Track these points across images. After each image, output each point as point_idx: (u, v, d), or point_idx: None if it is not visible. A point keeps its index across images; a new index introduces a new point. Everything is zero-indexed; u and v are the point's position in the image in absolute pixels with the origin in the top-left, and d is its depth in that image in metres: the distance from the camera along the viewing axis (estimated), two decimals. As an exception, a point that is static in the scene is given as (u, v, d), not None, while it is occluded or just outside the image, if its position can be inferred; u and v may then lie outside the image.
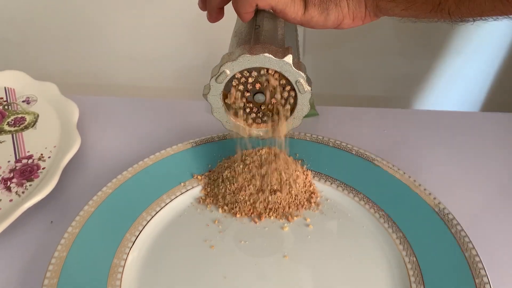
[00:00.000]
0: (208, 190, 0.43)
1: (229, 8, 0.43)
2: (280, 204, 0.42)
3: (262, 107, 0.40)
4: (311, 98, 0.38)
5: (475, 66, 0.84)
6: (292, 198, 0.42)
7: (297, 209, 0.42)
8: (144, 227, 0.39)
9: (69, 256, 0.35)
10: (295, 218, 0.41)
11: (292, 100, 0.38)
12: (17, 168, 0.45)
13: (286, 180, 0.42)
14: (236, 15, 0.39)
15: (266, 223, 0.40)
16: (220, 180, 0.43)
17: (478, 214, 0.42)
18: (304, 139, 0.47)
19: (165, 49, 0.85)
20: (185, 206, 0.42)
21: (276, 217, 0.41)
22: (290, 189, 0.42)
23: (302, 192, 0.43)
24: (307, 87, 0.37)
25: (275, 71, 0.36)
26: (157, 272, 0.36)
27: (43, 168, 0.45)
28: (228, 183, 0.42)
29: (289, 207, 0.42)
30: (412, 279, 0.34)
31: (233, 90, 0.38)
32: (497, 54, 0.82)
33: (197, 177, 0.44)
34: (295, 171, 0.43)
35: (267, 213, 0.41)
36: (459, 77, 0.86)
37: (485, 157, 0.49)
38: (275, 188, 0.42)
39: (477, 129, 0.53)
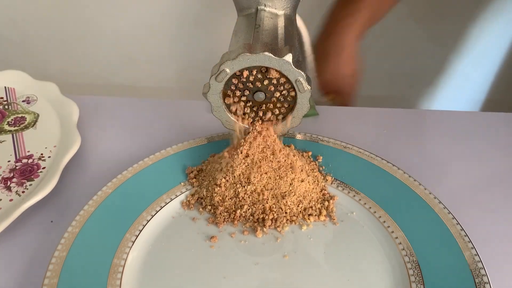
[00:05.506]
0: (196, 196, 0.42)
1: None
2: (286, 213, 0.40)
3: (262, 106, 0.40)
4: (311, 98, 0.38)
5: (476, 66, 0.84)
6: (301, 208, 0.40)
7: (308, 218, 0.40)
8: (144, 227, 0.39)
9: (69, 256, 0.35)
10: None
11: (291, 99, 0.38)
12: (17, 167, 0.45)
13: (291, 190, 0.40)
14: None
15: (266, 223, 0.40)
16: (203, 185, 0.42)
17: (478, 214, 0.42)
18: (304, 139, 0.47)
19: (165, 49, 0.85)
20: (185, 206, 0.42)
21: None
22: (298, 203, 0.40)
23: (314, 201, 0.41)
24: (306, 86, 0.37)
25: (275, 70, 0.36)
26: (157, 272, 0.36)
27: (43, 168, 0.45)
28: (210, 192, 0.41)
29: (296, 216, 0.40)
30: (412, 278, 0.34)
31: (232, 88, 0.38)
32: (498, 55, 0.82)
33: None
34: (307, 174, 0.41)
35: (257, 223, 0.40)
36: (459, 77, 0.86)
37: (485, 157, 0.49)
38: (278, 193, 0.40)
39: (477, 129, 0.53)
